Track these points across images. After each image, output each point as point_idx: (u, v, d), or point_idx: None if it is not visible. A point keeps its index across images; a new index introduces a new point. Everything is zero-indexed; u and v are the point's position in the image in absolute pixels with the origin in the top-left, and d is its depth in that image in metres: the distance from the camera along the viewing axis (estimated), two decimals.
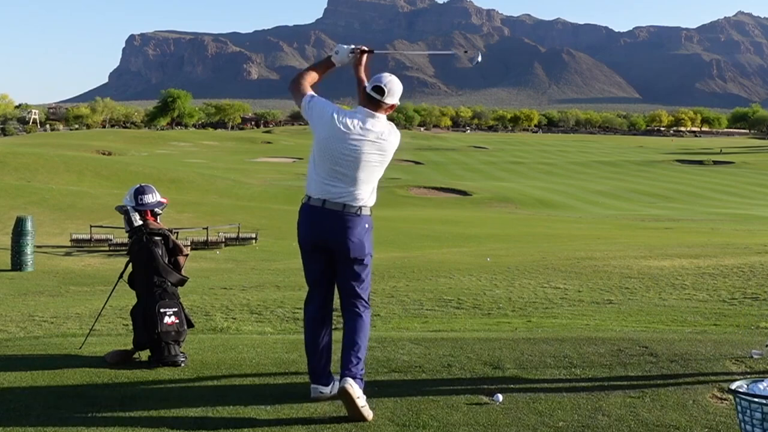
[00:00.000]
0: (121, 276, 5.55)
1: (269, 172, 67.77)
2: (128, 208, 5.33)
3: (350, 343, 4.12)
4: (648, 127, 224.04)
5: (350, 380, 3.94)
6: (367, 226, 4.14)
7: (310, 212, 4.16)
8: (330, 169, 4.10)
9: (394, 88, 4.15)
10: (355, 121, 4.10)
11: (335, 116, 4.11)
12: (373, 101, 4.13)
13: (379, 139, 4.10)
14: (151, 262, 5.23)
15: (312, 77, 4.37)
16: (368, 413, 3.91)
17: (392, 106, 4.20)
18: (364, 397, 3.96)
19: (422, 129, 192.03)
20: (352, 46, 4.41)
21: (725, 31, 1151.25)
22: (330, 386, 4.23)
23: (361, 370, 4.09)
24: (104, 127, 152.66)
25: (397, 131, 4.21)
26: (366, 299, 4.27)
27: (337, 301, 4.34)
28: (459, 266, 14.16)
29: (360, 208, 4.10)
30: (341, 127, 4.08)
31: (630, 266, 13.01)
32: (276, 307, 9.34)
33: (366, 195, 4.13)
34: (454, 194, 53.44)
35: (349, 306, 4.24)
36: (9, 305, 10.92)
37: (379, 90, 4.12)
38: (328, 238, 4.15)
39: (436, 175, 70.94)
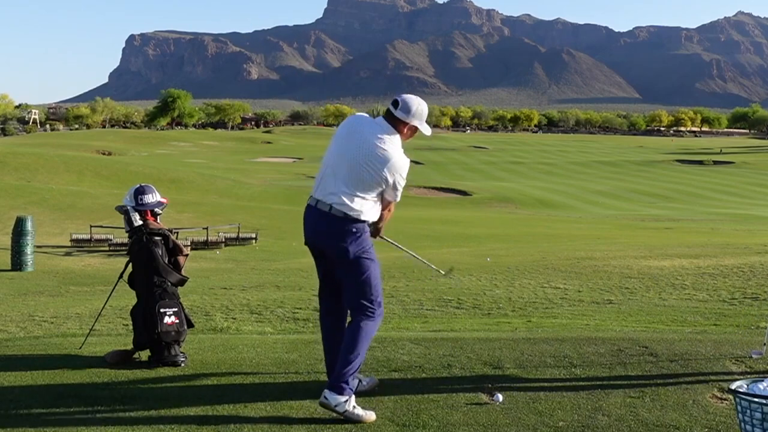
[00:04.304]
0: (121, 276, 5.55)
1: (269, 172, 67.75)
2: (128, 208, 5.33)
3: (339, 352, 4.11)
4: (648, 127, 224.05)
5: (325, 391, 3.95)
6: (354, 230, 4.03)
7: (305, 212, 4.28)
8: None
9: (410, 104, 4.07)
10: (367, 124, 4.13)
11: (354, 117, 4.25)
12: (389, 114, 4.10)
13: (376, 163, 4.01)
14: (151, 262, 5.23)
15: None
16: (356, 417, 3.88)
17: (407, 125, 4.08)
18: (348, 402, 3.90)
19: None
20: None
21: (725, 31, 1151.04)
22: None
23: (343, 378, 3.94)
24: (104, 127, 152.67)
25: (402, 168, 4.01)
26: (364, 307, 4.11)
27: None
28: (459, 266, 14.15)
29: (345, 213, 4.03)
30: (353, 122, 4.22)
31: (630, 266, 13.00)
32: (276, 307, 9.33)
33: (351, 201, 4.02)
34: (454, 194, 53.44)
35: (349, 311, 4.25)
36: (9, 305, 10.91)
37: (395, 102, 4.11)
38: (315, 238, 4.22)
39: (436, 175, 70.90)
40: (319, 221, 4.07)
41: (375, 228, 4.33)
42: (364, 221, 4.05)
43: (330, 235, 4.05)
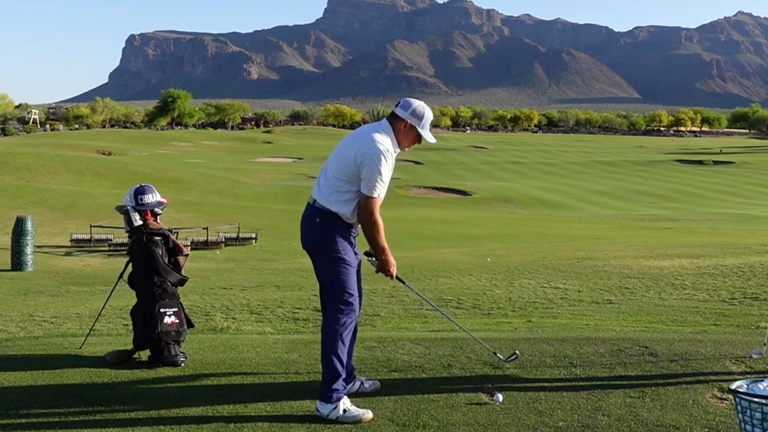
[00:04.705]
0: (121, 276, 5.55)
1: (269, 172, 67.74)
2: (128, 208, 5.33)
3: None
4: (648, 127, 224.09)
5: (317, 402, 4.00)
6: (318, 220, 4.07)
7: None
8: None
9: (410, 103, 4.17)
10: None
11: None
12: (391, 114, 4.22)
13: (353, 144, 4.07)
14: (151, 262, 5.23)
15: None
16: (350, 420, 3.89)
17: (404, 122, 4.11)
18: (337, 408, 3.91)
19: None
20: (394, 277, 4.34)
21: (725, 31, 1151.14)
22: (347, 387, 4.23)
23: (328, 385, 3.96)
24: (104, 127, 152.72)
25: (369, 147, 3.96)
26: (328, 305, 4.10)
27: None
28: (459, 266, 14.15)
29: (315, 199, 4.12)
30: None
31: (630, 266, 13.00)
32: (276, 307, 9.33)
33: (321, 188, 4.10)
34: (454, 194, 53.38)
35: None
36: (9, 305, 10.91)
37: (398, 102, 4.25)
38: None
39: (436, 175, 70.90)
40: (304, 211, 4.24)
41: (378, 260, 4.19)
42: (328, 211, 4.04)
43: (303, 221, 4.17)
